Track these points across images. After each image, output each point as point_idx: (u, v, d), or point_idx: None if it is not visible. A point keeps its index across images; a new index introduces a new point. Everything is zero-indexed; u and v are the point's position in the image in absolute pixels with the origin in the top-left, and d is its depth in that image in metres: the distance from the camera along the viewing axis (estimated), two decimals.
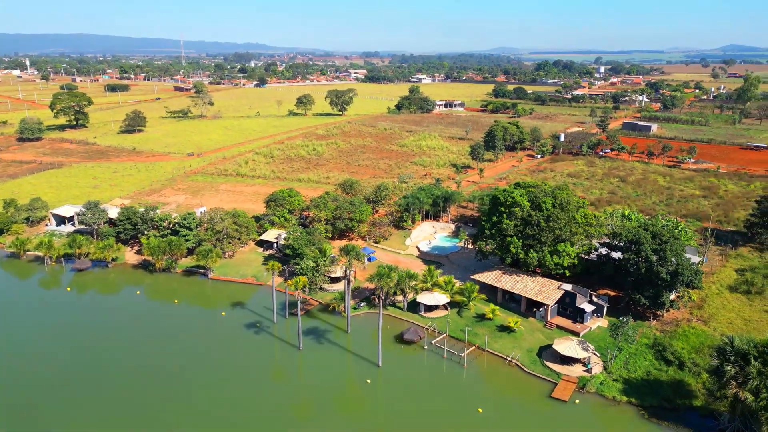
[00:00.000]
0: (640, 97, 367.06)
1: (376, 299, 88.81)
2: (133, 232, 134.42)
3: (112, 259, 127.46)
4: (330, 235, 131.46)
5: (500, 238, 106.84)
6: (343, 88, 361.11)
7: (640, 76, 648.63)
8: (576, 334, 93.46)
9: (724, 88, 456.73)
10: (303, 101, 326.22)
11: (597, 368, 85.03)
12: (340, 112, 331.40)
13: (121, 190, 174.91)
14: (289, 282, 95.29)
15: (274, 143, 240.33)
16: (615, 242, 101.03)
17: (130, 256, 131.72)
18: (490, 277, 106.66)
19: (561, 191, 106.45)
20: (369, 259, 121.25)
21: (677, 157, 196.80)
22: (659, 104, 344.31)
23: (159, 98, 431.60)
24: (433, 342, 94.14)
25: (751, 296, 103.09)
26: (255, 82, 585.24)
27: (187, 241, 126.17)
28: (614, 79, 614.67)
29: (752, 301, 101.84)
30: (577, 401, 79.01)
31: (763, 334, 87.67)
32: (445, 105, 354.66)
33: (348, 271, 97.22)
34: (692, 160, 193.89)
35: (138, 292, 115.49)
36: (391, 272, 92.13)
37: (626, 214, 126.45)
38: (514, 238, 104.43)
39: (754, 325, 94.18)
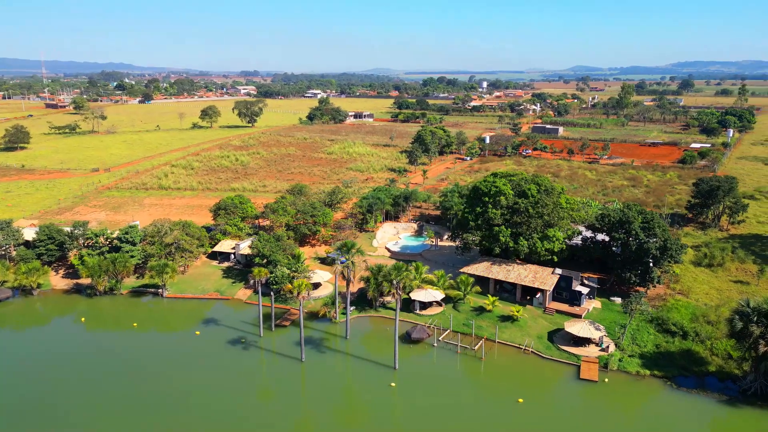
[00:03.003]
0: (534, 106, 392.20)
1: (395, 294, 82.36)
2: (58, 253, 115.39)
3: (38, 286, 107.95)
4: (291, 241, 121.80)
5: (487, 228, 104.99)
6: (251, 100, 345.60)
7: (520, 90, 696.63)
8: (577, 316, 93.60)
9: (597, 98, 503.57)
10: (208, 113, 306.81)
11: (610, 347, 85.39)
12: (250, 124, 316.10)
13: (23, 211, 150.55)
14: (288, 286, 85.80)
15: (190, 155, 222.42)
16: (602, 224, 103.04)
17: (56, 280, 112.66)
18: (480, 269, 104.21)
19: (541, 178, 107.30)
20: (341, 262, 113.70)
21: (596, 154, 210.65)
22: (553, 111, 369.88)
23: (31, 115, 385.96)
24: (440, 338, 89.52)
25: (714, 268, 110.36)
26: (139, 99, 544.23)
27: (132, 257, 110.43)
28: (498, 93, 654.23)
29: (717, 273, 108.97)
30: (606, 380, 78.34)
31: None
32: (355, 116, 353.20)
33: (348, 272, 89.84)
34: (607, 157, 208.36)
35: (83, 319, 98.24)
36: (408, 266, 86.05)
37: (585, 201, 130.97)
38: (502, 227, 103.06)
39: (727, 294, 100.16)
